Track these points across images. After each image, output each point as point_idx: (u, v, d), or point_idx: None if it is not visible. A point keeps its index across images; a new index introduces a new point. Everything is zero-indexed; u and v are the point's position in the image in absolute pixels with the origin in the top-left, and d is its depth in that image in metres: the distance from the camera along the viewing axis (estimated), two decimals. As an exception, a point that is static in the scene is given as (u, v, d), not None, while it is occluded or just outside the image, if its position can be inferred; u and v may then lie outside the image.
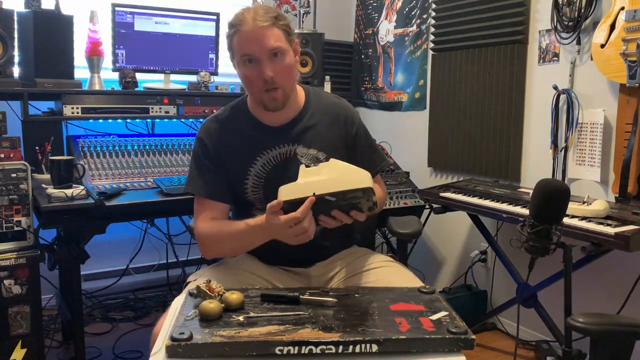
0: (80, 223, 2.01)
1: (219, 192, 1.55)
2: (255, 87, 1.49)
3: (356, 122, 1.65)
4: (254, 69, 1.46)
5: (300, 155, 1.56)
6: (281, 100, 1.50)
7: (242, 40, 1.45)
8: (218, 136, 1.57)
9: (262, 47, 1.44)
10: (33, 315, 1.93)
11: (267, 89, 1.47)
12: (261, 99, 1.50)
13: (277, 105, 1.51)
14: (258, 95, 1.50)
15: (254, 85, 1.48)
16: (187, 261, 3.15)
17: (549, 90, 2.43)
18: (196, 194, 1.56)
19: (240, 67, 1.49)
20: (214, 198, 1.54)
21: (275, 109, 1.51)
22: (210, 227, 1.51)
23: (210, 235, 1.51)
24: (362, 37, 3.61)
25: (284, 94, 1.50)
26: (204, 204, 1.55)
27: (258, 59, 1.45)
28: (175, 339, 1.02)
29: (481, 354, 2.51)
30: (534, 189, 1.32)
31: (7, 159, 1.99)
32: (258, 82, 1.46)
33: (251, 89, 1.51)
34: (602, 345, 1.20)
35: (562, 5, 2.33)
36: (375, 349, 1.04)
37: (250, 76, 1.47)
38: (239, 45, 1.46)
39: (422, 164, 3.15)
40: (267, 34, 1.44)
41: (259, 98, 1.51)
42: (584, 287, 2.32)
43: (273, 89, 1.47)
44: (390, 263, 1.59)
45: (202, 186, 1.55)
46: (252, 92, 1.52)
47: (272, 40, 1.44)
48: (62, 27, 2.30)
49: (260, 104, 1.52)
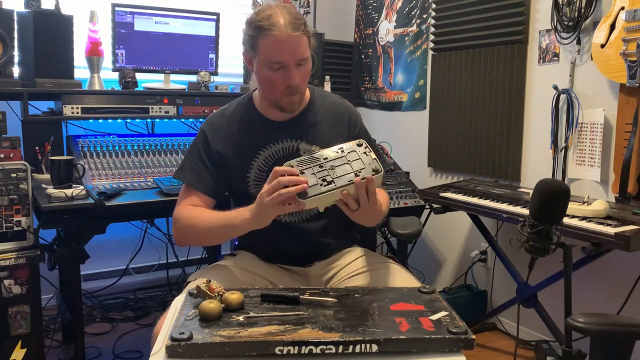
0: (80, 223, 2.01)
1: (208, 185, 1.56)
2: (276, 91, 1.49)
3: (358, 123, 1.68)
4: (280, 73, 1.46)
5: (302, 151, 1.57)
6: (298, 103, 1.54)
7: (274, 46, 1.44)
8: (222, 130, 1.59)
9: (293, 56, 1.45)
10: (33, 315, 1.93)
11: (289, 94, 1.49)
12: (279, 101, 1.51)
13: (294, 108, 1.54)
14: (276, 98, 1.51)
15: (276, 88, 1.49)
16: (187, 261, 3.15)
17: (549, 90, 2.43)
18: (185, 182, 1.58)
19: (264, 69, 1.48)
20: (200, 190, 1.56)
21: (292, 111, 1.54)
22: (189, 213, 1.52)
23: (187, 217, 1.51)
24: (362, 37, 3.61)
25: (301, 97, 1.54)
26: (190, 193, 1.57)
27: (287, 65, 1.45)
28: (175, 339, 1.02)
29: (481, 354, 2.51)
30: (534, 189, 1.32)
31: (7, 159, 1.99)
32: (281, 86, 1.48)
33: (271, 91, 1.51)
34: (602, 345, 1.20)
35: (562, 5, 2.33)
36: (375, 349, 1.04)
37: (274, 80, 1.47)
38: (269, 50, 1.45)
39: (422, 164, 3.15)
40: (299, 43, 1.45)
41: (276, 100, 1.52)
42: (584, 287, 2.32)
43: (294, 93, 1.50)
44: (390, 264, 1.59)
45: (191, 176, 1.57)
46: (271, 94, 1.52)
47: (302, 50, 1.46)
48: (62, 27, 2.30)
49: (276, 105, 1.53)
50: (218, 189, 1.60)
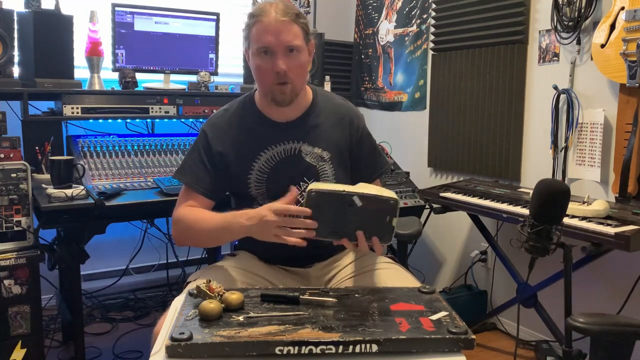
0: (80, 223, 2.01)
1: (207, 187, 1.56)
2: (266, 79, 1.49)
3: (361, 125, 1.67)
4: (268, 61, 1.47)
5: (304, 153, 1.57)
6: (289, 96, 1.51)
7: (261, 32, 1.46)
8: (223, 131, 1.58)
9: (279, 41, 1.45)
10: (33, 315, 1.93)
11: (278, 82, 1.48)
12: (270, 91, 1.51)
13: (285, 100, 1.51)
14: (268, 88, 1.51)
15: (265, 76, 1.49)
16: (187, 261, 3.15)
17: (549, 90, 2.43)
18: (184, 184, 1.58)
19: (254, 57, 1.49)
20: (199, 191, 1.56)
21: (282, 102, 1.52)
22: (189, 214, 1.53)
23: (186, 219, 1.52)
24: (362, 37, 3.61)
25: (293, 90, 1.51)
26: (189, 193, 1.57)
27: (274, 51, 1.46)
28: (175, 339, 1.02)
29: (481, 354, 2.51)
30: (534, 189, 1.32)
31: (7, 159, 1.99)
32: (270, 74, 1.47)
33: (262, 80, 1.51)
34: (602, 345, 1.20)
35: (562, 5, 2.33)
36: (375, 349, 1.04)
37: (263, 67, 1.48)
38: (257, 35, 1.47)
39: (422, 164, 3.15)
40: (287, 29, 1.45)
41: (268, 90, 1.51)
42: (584, 287, 2.32)
43: (283, 83, 1.48)
44: (390, 265, 1.59)
45: (191, 177, 1.57)
46: (262, 84, 1.52)
47: (290, 36, 1.46)
48: (62, 27, 2.30)
49: (268, 96, 1.53)
50: (217, 191, 1.60)
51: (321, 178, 1.58)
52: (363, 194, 1.27)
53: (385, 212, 1.27)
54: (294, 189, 1.45)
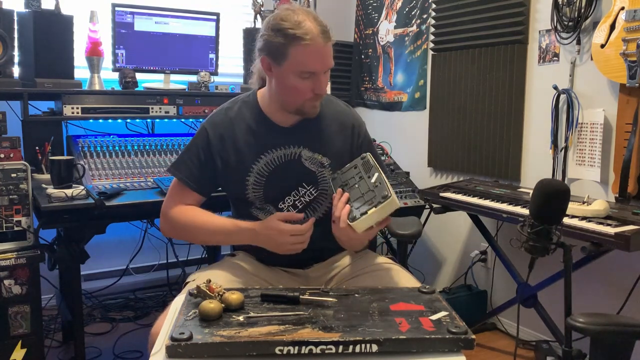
0: (80, 223, 2.01)
1: (200, 184, 1.57)
2: (302, 98, 1.48)
3: (362, 133, 1.66)
4: (309, 82, 1.45)
5: (304, 159, 1.56)
6: (319, 107, 1.54)
7: (309, 57, 1.42)
8: (224, 130, 1.57)
9: (325, 65, 1.46)
10: (33, 315, 1.93)
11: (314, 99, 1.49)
12: (302, 106, 1.50)
13: (317, 112, 1.54)
14: (300, 104, 1.49)
15: (302, 96, 1.47)
16: (187, 261, 3.15)
17: (549, 90, 2.43)
18: (177, 178, 1.58)
19: (292, 77, 1.45)
20: (192, 187, 1.57)
21: (314, 115, 1.54)
22: (184, 213, 1.54)
23: (182, 222, 1.54)
24: (362, 37, 3.61)
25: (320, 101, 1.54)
26: (181, 189, 1.58)
27: (316, 74, 1.45)
28: (175, 339, 1.02)
29: (481, 354, 2.51)
30: (534, 189, 1.32)
31: (7, 159, 1.99)
32: (309, 94, 1.47)
33: (296, 98, 1.49)
34: (602, 345, 1.20)
35: (562, 5, 2.33)
36: (375, 349, 1.04)
37: (302, 89, 1.46)
38: (303, 59, 1.42)
39: (422, 164, 3.15)
40: (330, 52, 1.47)
41: (299, 106, 1.50)
42: (584, 287, 2.32)
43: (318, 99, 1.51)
44: (390, 265, 1.59)
45: (185, 172, 1.57)
46: (296, 101, 1.50)
47: (331, 59, 1.48)
48: (62, 27, 2.30)
49: (297, 111, 1.52)
50: (210, 189, 1.61)
51: (320, 184, 1.58)
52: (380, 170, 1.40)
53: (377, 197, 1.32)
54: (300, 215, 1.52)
